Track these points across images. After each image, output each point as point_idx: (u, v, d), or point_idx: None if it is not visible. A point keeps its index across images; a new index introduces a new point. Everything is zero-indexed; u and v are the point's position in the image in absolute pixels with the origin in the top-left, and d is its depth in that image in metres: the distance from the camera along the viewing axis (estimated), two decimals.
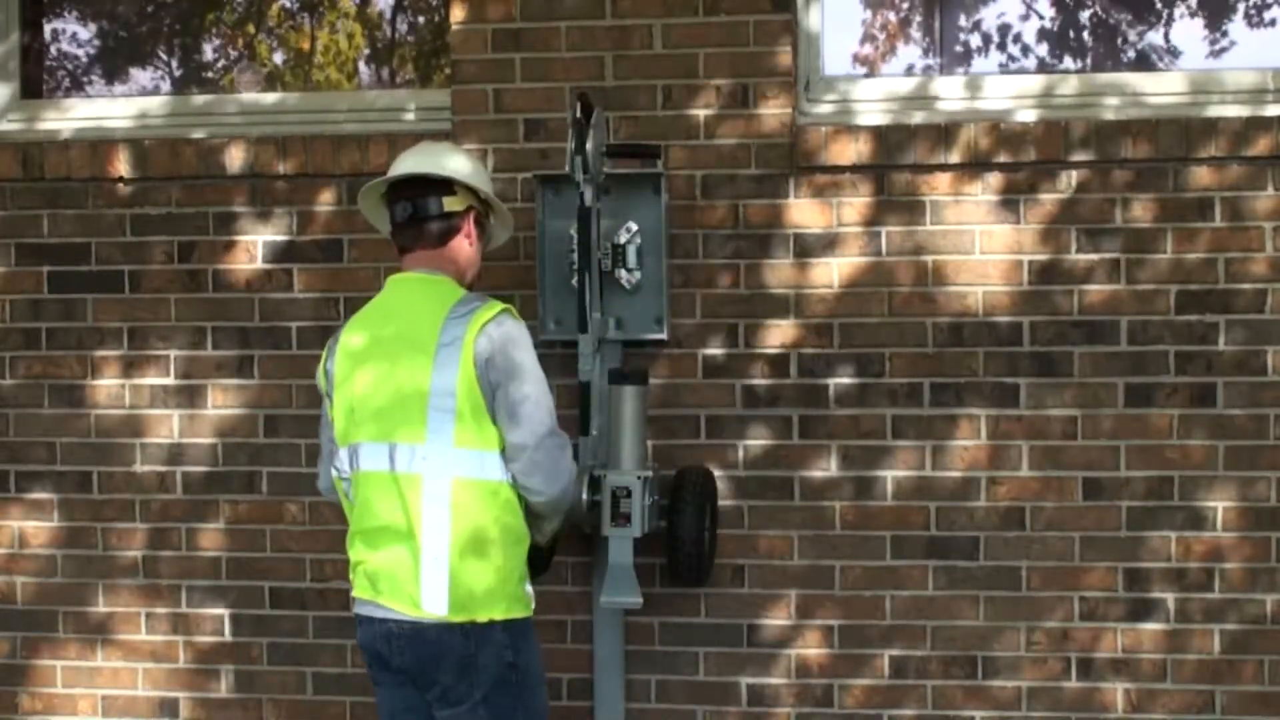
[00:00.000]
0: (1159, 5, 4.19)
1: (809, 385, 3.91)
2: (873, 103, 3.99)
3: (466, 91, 3.99)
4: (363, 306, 3.21)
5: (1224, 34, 4.14)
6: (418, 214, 3.13)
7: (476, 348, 2.98)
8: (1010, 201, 3.86)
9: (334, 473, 3.16)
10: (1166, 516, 3.83)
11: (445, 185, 3.15)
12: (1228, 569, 3.82)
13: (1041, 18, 4.20)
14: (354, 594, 3.11)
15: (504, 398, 3.00)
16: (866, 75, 4.13)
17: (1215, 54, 4.12)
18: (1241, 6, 4.15)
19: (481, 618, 2.97)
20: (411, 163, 3.20)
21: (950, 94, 3.99)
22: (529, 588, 3.11)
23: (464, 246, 3.17)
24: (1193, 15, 4.18)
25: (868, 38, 4.21)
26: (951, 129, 3.85)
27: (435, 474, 2.97)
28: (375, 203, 3.30)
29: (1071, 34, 4.22)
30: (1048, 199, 3.85)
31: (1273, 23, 4.11)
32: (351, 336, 3.13)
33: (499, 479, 3.02)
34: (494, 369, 2.99)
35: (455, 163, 3.20)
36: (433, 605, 2.95)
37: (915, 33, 4.26)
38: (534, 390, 3.03)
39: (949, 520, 3.88)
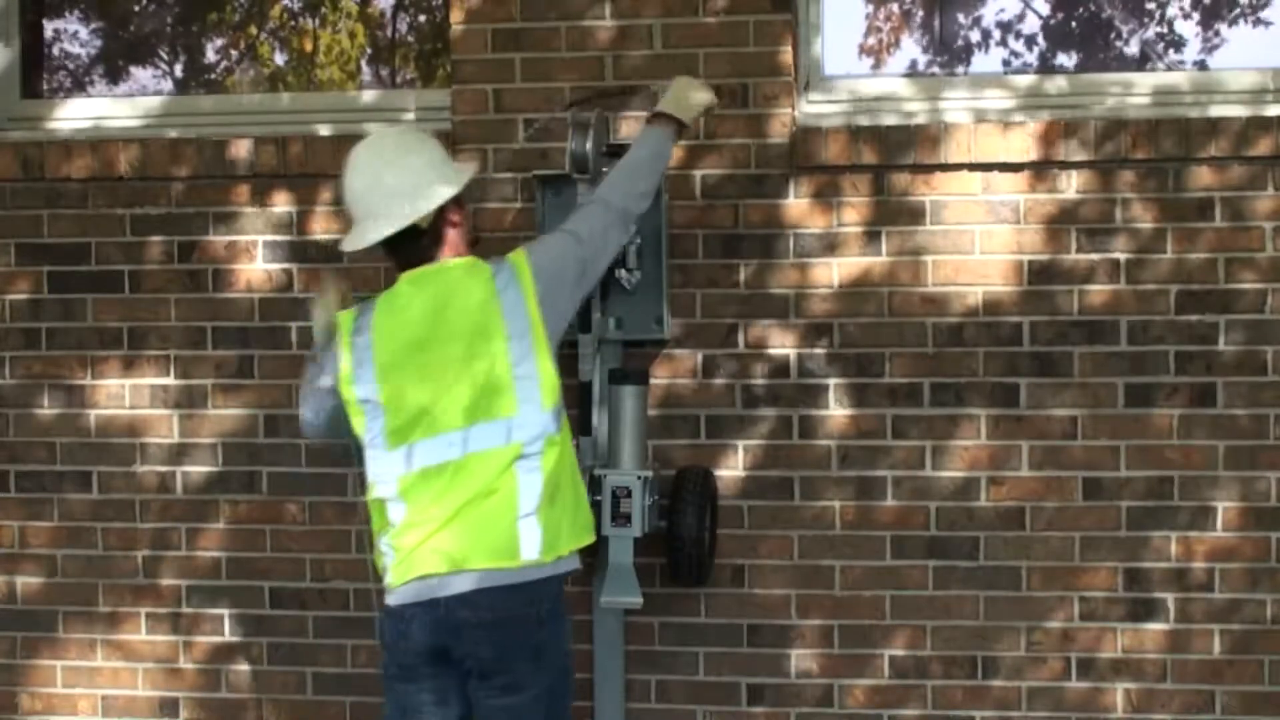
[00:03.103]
0: (1159, 5, 4.19)
1: (809, 385, 3.91)
2: (873, 102, 3.99)
3: (466, 91, 3.99)
4: (377, 304, 3.10)
5: (1224, 34, 4.14)
6: (401, 247, 3.08)
7: (536, 289, 3.03)
8: (1010, 201, 3.86)
9: (371, 479, 3.04)
10: (1167, 516, 3.83)
11: None
12: (1228, 569, 3.82)
13: (1041, 17, 4.20)
14: (411, 577, 2.96)
15: (566, 261, 3.11)
16: (866, 75, 4.13)
17: (1215, 54, 4.11)
18: (1241, 6, 4.15)
19: (565, 550, 3.02)
20: (369, 205, 3.06)
21: (950, 94, 3.99)
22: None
23: (454, 231, 3.10)
24: (1193, 15, 4.18)
25: (868, 37, 4.20)
26: (951, 128, 3.85)
27: (531, 439, 2.99)
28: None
29: (1071, 33, 4.22)
30: (1048, 199, 3.85)
31: (1273, 23, 4.11)
32: (390, 336, 3.04)
33: (566, 414, 3.09)
34: (546, 271, 3.07)
35: (415, 191, 3.04)
36: (529, 552, 2.96)
37: (915, 33, 4.25)
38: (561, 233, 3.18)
39: (949, 520, 3.88)
